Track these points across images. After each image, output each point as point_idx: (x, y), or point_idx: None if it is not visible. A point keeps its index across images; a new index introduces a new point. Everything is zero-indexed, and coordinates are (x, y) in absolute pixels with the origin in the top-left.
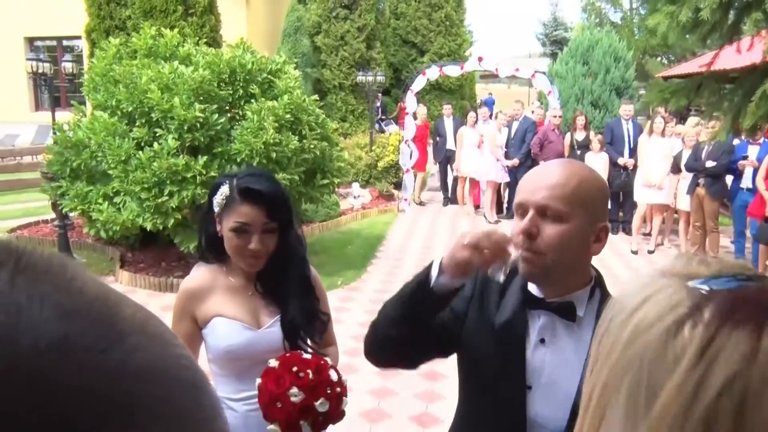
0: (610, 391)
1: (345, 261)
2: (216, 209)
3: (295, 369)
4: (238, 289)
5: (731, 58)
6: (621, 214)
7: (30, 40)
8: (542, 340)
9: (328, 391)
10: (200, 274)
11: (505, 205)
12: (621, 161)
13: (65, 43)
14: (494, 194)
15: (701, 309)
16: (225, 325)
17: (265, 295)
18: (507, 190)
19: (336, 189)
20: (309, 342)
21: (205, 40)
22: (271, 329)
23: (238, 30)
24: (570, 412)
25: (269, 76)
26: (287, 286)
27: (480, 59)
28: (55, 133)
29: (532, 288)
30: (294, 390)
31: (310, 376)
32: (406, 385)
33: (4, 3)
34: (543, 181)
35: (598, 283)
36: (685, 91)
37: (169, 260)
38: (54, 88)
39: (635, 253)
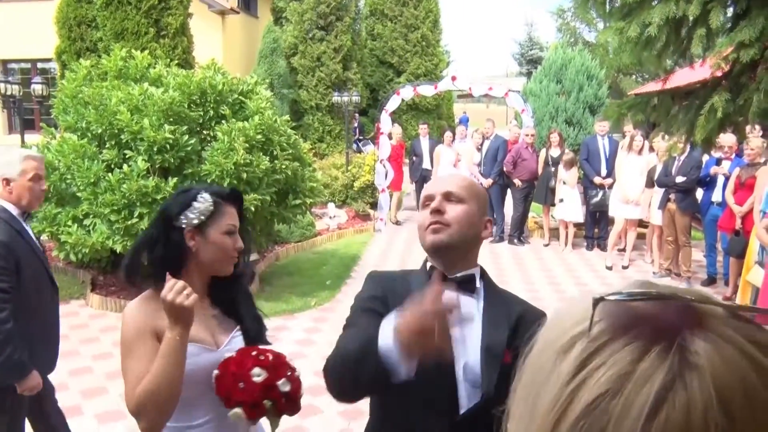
0: (513, 407)
1: (319, 281)
2: (194, 222)
3: (254, 353)
4: (198, 307)
5: (688, 75)
6: (596, 230)
7: (3, 63)
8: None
9: (289, 374)
10: (149, 298)
11: None
12: (597, 180)
13: (39, 65)
14: None
15: (594, 325)
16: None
17: (218, 310)
18: None
19: (311, 209)
20: None
21: (177, 61)
22: (230, 347)
23: (214, 52)
24: (480, 363)
25: (240, 97)
26: (241, 295)
27: (454, 78)
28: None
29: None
30: (256, 370)
31: (270, 358)
32: None
33: None
34: (446, 179)
35: (483, 271)
36: (641, 106)
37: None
38: (27, 111)
39: (609, 268)
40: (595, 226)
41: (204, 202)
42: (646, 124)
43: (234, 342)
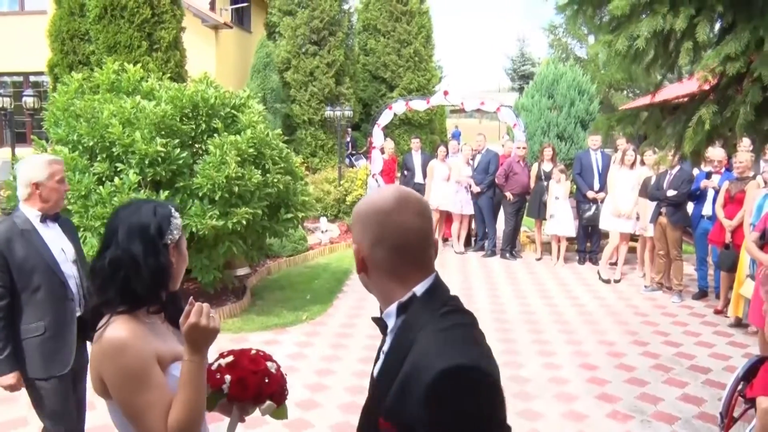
0: None
1: (311, 295)
2: (177, 238)
3: (252, 352)
4: (160, 326)
5: (677, 89)
6: (588, 244)
7: None
8: (382, 351)
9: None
10: (125, 323)
11: (473, 238)
12: (590, 194)
13: (32, 78)
14: (465, 226)
15: None
16: (179, 365)
17: (170, 322)
18: (473, 221)
19: (303, 224)
20: None
21: (169, 75)
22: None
23: (208, 66)
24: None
25: (232, 111)
26: (179, 302)
27: (446, 93)
28: (13, 168)
29: None
30: (269, 363)
31: (260, 353)
32: None
33: None
34: None
35: (412, 303)
36: (630, 119)
37: None
38: (19, 124)
39: (607, 282)
40: (587, 240)
41: (177, 217)
42: (636, 138)
43: None
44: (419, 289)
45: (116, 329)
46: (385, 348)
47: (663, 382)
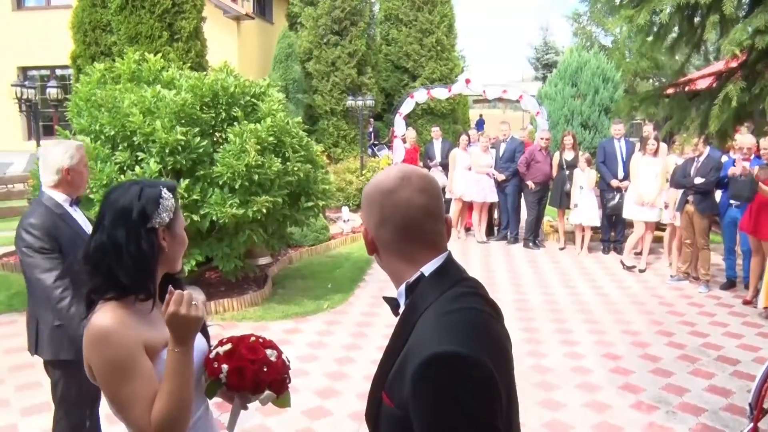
0: None
1: (333, 284)
2: (166, 221)
3: (252, 339)
4: (155, 314)
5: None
6: (612, 233)
7: (23, 70)
8: None
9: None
10: (114, 309)
11: (495, 227)
12: (614, 183)
13: (58, 72)
14: (485, 215)
15: None
16: None
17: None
18: (497, 211)
19: (325, 213)
20: None
21: (190, 65)
22: (198, 341)
23: (230, 57)
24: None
25: (252, 99)
26: (181, 285)
27: (468, 81)
28: (38, 159)
29: None
30: (268, 351)
31: (263, 338)
32: None
33: None
34: None
35: (419, 283)
36: (653, 100)
37: None
38: (46, 117)
39: (630, 268)
40: (612, 230)
41: (168, 198)
42: (662, 122)
43: (198, 337)
44: (428, 268)
45: (101, 317)
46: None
47: (689, 373)
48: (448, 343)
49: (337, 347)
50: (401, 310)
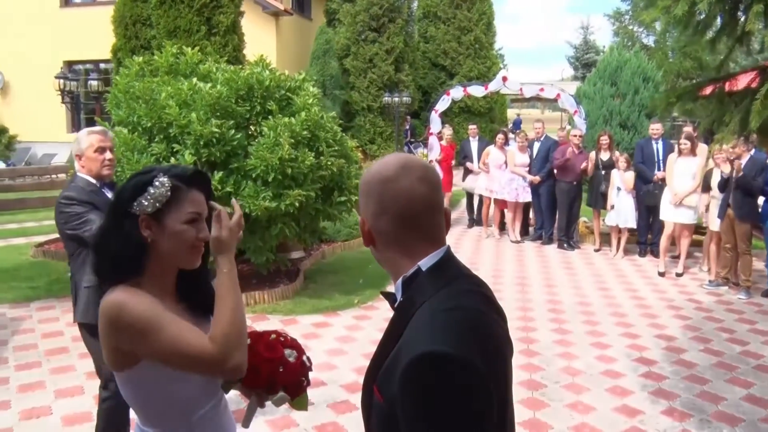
0: None
1: (364, 280)
2: (149, 209)
3: (273, 336)
4: (168, 306)
5: (748, 76)
6: (650, 236)
7: (69, 64)
8: None
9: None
10: (126, 290)
11: (530, 227)
12: (659, 175)
13: (101, 66)
14: (519, 214)
15: None
16: None
17: (186, 303)
18: (531, 210)
19: (357, 207)
20: None
21: (227, 58)
22: None
23: (268, 52)
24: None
25: (287, 93)
26: (207, 286)
27: (504, 79)
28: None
29: None
30: (287, 351)
31: (288, 337)
32: None
33: (45, 29)
34: None
35: (416, 278)
36: (691, 95)
37: None
38: (89, 110)
39: (662, 275)
40: (649, 232)
41: (160, 186)
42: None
43: None
44: (426, 263)
45: (110, 297)
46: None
47: (726, 381)
48: (441, 342)
49: (365, 342)
50: (396, 304)
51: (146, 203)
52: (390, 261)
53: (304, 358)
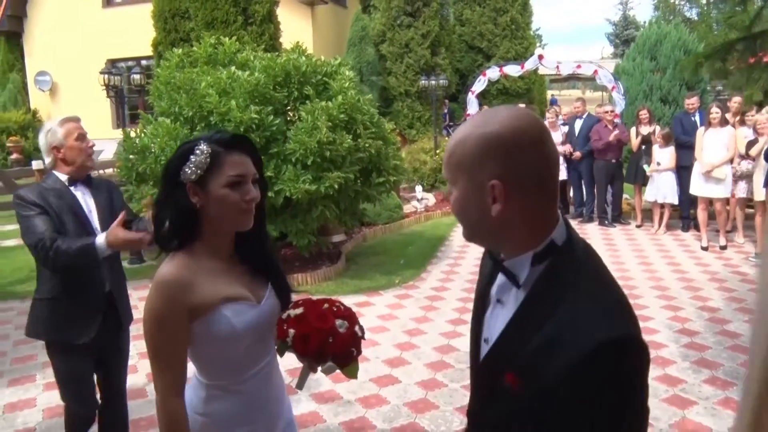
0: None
1: (405, 260)
2: (192, 177)
3: (326, 306)
4: (224, 269)
5: None
6: (692, 211)
7: (112, 62)
8: (499, 300)
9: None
10: (179, 262)
11: (570, 204)
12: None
13: (143, 62)
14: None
15: None
16: (234, 308)
17: (246, 266)
18: (570, 188)
19: (398, 191)
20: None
21: (263, 47)
22: (270, 300)
23: (304, 41)
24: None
25: (324, 78)
26: (265, 249)
27: (541, 57)
28: (124, 141)
29: None
30: (339, 321)
31: (342, 307)
32: (454, 377)
33: (89, 28)
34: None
35: (552, 252)
36: (720, 54)
37: None
38: (133, 107)
39: (705, 249)
40: (692, 207)
41: (200, 154)
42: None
43: (272, 294)
44: (558, 237)
45: (165, 267)
46: (519, 299)
47: None
48: (620, 327)
49: (407, 320)
50: (523, 281)
51: (189, 171)
52: (510, 232)
53: (356, 328)
